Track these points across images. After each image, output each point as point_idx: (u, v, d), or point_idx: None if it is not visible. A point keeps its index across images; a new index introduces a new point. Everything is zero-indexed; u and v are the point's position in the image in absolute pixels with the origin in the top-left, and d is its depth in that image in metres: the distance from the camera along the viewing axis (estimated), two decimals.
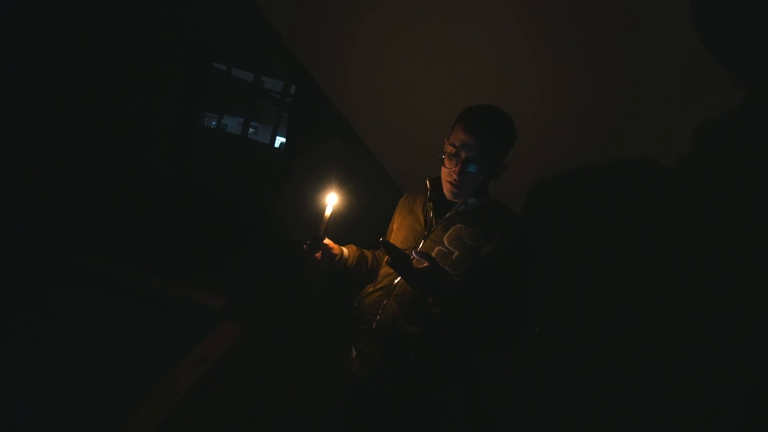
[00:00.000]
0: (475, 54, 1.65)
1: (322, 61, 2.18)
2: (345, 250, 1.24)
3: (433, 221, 1.14)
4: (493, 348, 1.26)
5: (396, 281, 1.12)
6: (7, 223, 2.15)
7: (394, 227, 1.28)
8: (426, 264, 0.93)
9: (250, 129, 5.66)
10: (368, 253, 1.33)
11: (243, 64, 4.35)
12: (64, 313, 1.14)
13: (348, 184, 1.23)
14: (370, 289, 1.19)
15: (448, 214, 1.12)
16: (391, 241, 1.23)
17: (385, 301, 1.12)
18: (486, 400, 1.82)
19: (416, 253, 0.95)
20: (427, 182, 1.19)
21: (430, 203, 1.17)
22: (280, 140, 5.08)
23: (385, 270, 1.19)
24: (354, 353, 1.19)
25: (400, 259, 0.92)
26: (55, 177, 3.13)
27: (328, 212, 1.11)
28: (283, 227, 3.95)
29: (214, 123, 5.15)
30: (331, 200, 1.11)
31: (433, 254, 1.07)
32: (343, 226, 1.16)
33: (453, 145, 1.06)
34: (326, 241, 1.17)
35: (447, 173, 1.09)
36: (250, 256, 3.72)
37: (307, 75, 3.46)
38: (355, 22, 1.83)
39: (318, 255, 1.16)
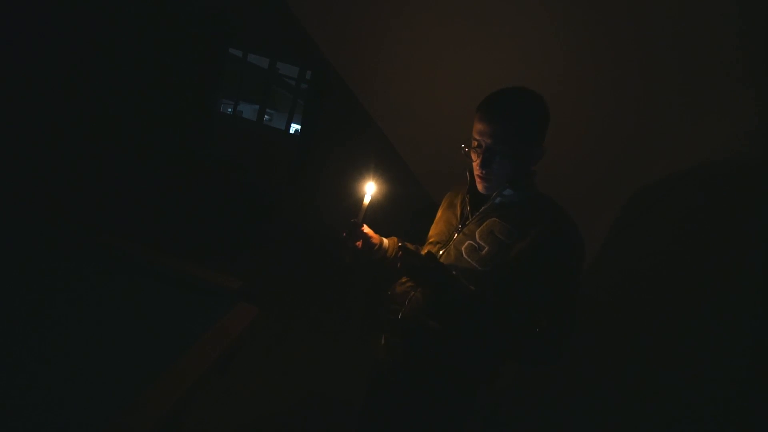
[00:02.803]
0: (497, 43, 1.62)
1: (340, 47, 2.16)
2: (386, 240, 1.24)
3: (469, 215, 1.10)
4: (525, 362, 1.14)
5: None
6: (30, 206, 2.21)
7: (435, 221, 1.25)
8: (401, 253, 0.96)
9: (266, 116, 5.68)
10: (411, 247, 1.29)
11: (259, 50, 4.34)
12: (84, 292, 1.17)
13: (366, 173, 1.21)
14: (403, 279, 1.18)
15: (483, 207, 1.07)
16: (429, 234, 1.22)
17: (413, 293, 1.10)
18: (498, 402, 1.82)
19: (400, 247, 0.97)
20: (468, 174, 1.13)
21: (468, 196, 1.12)
22: (295, 127, 5.08)
23: None
24: (383, 340, 1.18)
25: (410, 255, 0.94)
26: (76, 163, 3.19)
27: (366, 201, 1.11)
28: (299, 213, 3.98)
29: (230, 110, 5.16)
30: (370, 189, 1.11)
31: (462, 248, 1.04)
32: (370, 217, 1.14)
33: (474, 137, 1.02)
34: (366, 230, 1.17)
35: (474, 167, 1.05)
36: (267, 241, 3.76)
37: (324, 61, 3.44)
38: (376, 8, 1.81)
39: (358, 243, 1.15)
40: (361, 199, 1.11)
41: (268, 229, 3.88)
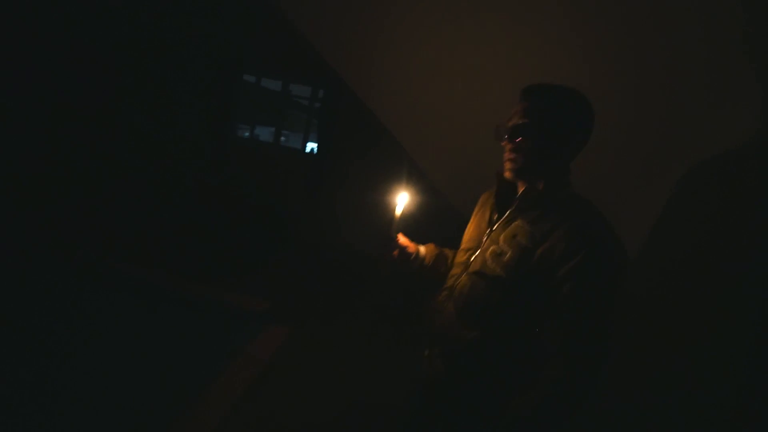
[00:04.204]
0: (514, 53, 1.57)
1: (352, 63, 2.16)
2: (422, 248, 1.20)
3: (496, 218, 1.05)
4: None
5: (458, 282, 1.05)
6: (56, 233, 2.26)
7: (469, 225, 1.20)
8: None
9: (282, 138, 5.77)
10: (448, 252, 1.27)
11: (272, 74, 4.44)
12: (112, 319, 1.18)
13: (397, 183, 1.20)
14: (441, 289, 1.14)
15: (509, 209, 1.02)
16: (463, 239, 1.17)
17: (447, 303, 1.06)
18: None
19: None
20: (495, 176, 1.08)
21: (496, 198, 1.08)
22: (311, 146, 5.15)
23: (453, 270, 1.13)
24: (426, 353, 1.13)
25: None
26: (100, 191, 3.29)
27: (398, 211, 1.10)
28: (319, 230, 3.99)
29: (246, 134, 5.28)
30: (402, 200, 1.10)
31: (488, 254, 0.99)
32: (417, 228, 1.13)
33: (508, 121, 0.99)
34: (402, 239, 1.15)
35: (505, 152, 1.00)
36: (288, 261, 3.77)
37: (336, 78, 3.48)
38: (382, 16, 1.80)
39: (395, 253, 1.14)
40: (393, 210, 1.10)
41: (289, 247, 3.89)
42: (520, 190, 1.03)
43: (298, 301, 2.97)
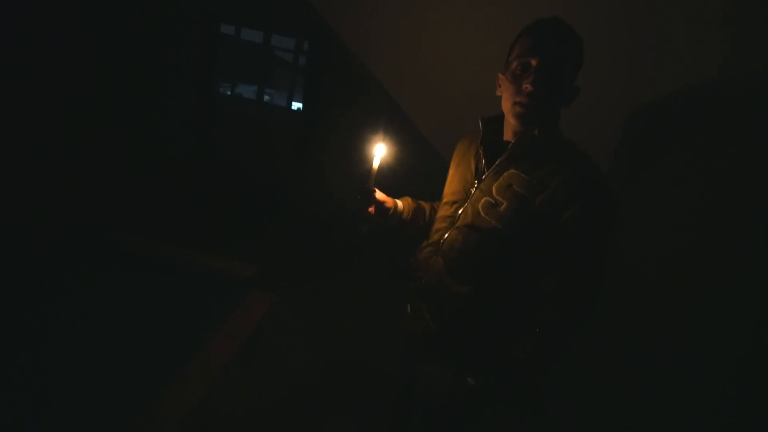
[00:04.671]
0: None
1: (341, 9, 1.99)
2: (399, 202, 1.17)
3: (484, 168, 0.99)
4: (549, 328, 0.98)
5: (445, 236, 1.01)
6: (28, 204, 2.13)
7: (449, 176, 1.15)
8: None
9: (265, 96, 5.49)
10: (425, 205, 1.24)
11: (252, 23, 4.12)
12: (94, 289, 1.09)
13: (373, 135, 1.13)
14: (424, 244, 1.11)
15: (500, 158, 0.96)
16: (444, 192, 1.12)
17: (434, 258, 1.03)
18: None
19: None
20: (480, 123, 1.03)
21: (482, 148, 1.01)
22: (297, 105, 4.92)
23: (437, 225, 1.09)
24: (408, 309, 1.13)
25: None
26: (76, 157, 3.10)
27: (376, 164, 1.04)
28: (308, 192, 3.87)
29: (228, 92, 5.00)
30: (379, 151, 1.04)
31: (480, 206, 0.95)
32: (381, 181, 1.07)
33: (520, 57, 0.91)
34: (378, 195, 1.10)
35: (514, 91, 0.92)
36: (277, 223, 3.68)
37: (322, 25, 3.24)
38: None
39: (371, 209, 1.10)
40: (371, 163, 1.04)
41: (276, 209, 3.78)
42: (508, 137, 0.99)
43: (285, 267, 2.91)
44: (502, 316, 0.97)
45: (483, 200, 0.95)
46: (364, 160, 1.08)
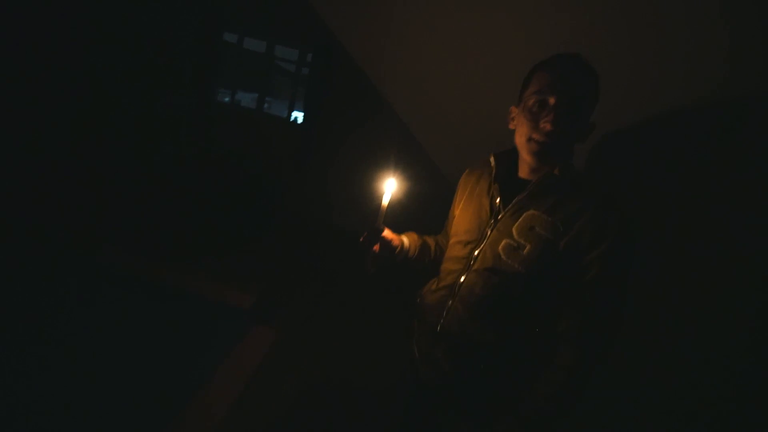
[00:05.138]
0: (530, 23, 1.40)
1: (349, 22, 1.93)
2: (405, 239, 1.11)
3: (501, 207, 0.94)
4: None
5: (461, 280, 0.95)
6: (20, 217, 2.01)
7: (456, 212, 1.09)
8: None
9: (265, 104, 5.42)
10: (430, 241, 1.19)
11: (256, 33, 4.08)
12: (86, 315, 0.99)
13: (384, 168, 1.07)
14: (434, 286, 1.04)
15: (517, 197, 0.92)
16: (453, 230, 1.06)
17: (450, 302, 0.96)
18: None
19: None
20: (491, 159, 0.99)
21: (496, 185, 0.97)
22: (296, 114, 4.85)
23: (448, 265, 1.02)
24: (416, 353, 1.07)
25: None
26: (68, 164, 2.99)
27: (385, 201, 0.97)
28: (306, 205, 3.79)
29: (227, 99, 4.93)
30: (390, 187, 0.97)
31: (500, 249, 0.90)
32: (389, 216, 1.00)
33: (538, 94, 0.88)
34: (386, 232, 1.04)
35: (531, 128, 0.89)
36: (272, 238, 3.57)
37: (329, 39, 3.19)
38: None
39: (376, 247, 1.04)
40: (380, 199, 0.98)
41: (272, 224, 3.68)
42: (523, 173, 0.96)
43: (284, 293, 2.75)
44: (527, 361, 0.93)
45: (503, 242, 0.90)
46: (365, 183, 1.03)
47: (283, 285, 2.63)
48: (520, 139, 0.93)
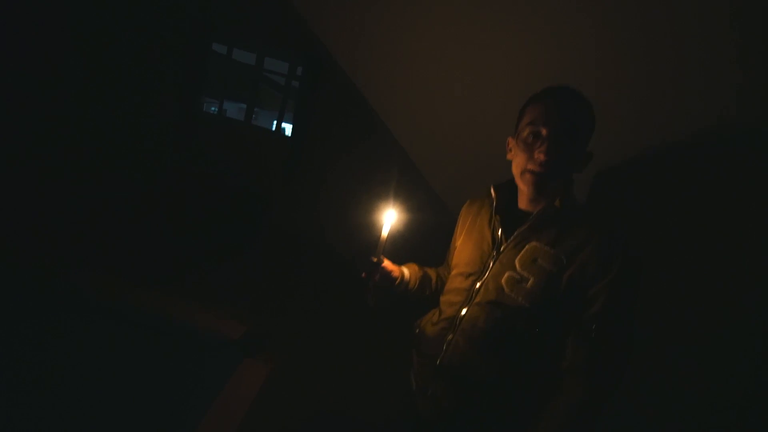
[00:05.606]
0: (529, 36, 1.40)
1: (341, 37, 1.91)
2: (405, 270, 1.08)
3: (503, 238, 0.94)
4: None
5: (463, 313, 0.93)
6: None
7: (457, 244, 1.07)
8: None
9: (252, 115, 5.35)
10: (431, 273, 1.17)
11: (246, 45, 4.03)
12: (70, 350, 0.91)
13: (374, 184, 1.05)
14: (434, 318, 1.01)
15: (519, 229, 0.91)
16: (454, 261, 1.04)
17: (450, 336, 0.94)
18: None
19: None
20: (492, 191, 0.99)
21: (497, 216, 0.97)
22: (285, 126, 4.80)
23: (449, 297, 1.00)
24: (414, 385, 1.03)
25: None
26: (49, 178, 2.85)
27: (385, 232, 0.95)
28: (293, 220, 3.71)
29: (214, 108, 4.85)
30: (389, 218, 0.95)
31: (503, 281, 0.88)
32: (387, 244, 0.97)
33: (532, 125, 0.90)
34: (385, 264, 1.01)
35: (526, 159, 0.91)
36: (260, 251, 3.47)
37: (322, 54, 3.16)
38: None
39: (375, 278, 1.01)
40: (379, 231, 0.95)
41: (258, 241, 3.58)
42: (523, 204, 0.96)
43: (273, 319, 2.61)
44: (531, 396, 0.90)
45: (506, 275, 0.89)
46: (371, 226, 1.01)
47: (272, 309, 2.53)
48: (516, 170, 0.94)
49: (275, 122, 4.65)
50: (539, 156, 0.87)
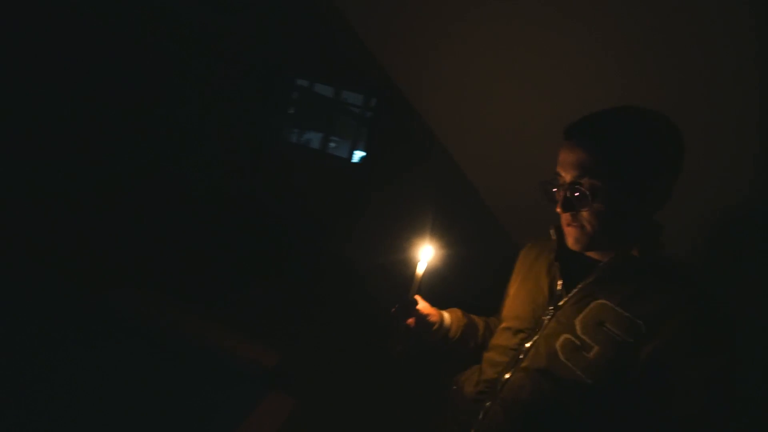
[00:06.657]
0: (601, 76, 1.28)
1: (408, 69, 1.92)
2: (447, 315, 0.94)
3: (563, 292, 0.77)
4: None
5: (506, 377, 0.77)
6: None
7: (511, 292, 0.92)
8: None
9: (331, 143, 5.61)
10: (479, 321, 1.00)
11: (325, 80, 4.30)
12: (89, 379, 0.95)
13: (439, 221, 0.95)
14: (475, 378, 0.85)
15: (583, 282, 0.74)
16: (504, 313, 0.89)
17: (489, 403, 0.77)
18: None
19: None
20: (552, 232, 0.82)
21: (557, 264, 0.80)
22: (358, 155, 4.96)
23: (492, 355, 0.84)
24: None
25: None
26: (128, 192, 3.13)
27: (420, 270, 0.83)
28: (360, 249, 3.73)
29: (294, 138, 5.20)
30: (426, 255, 0.83)
31: (558, 345, 0.71)
32: (438, 284, 0.86)
33: (556, 173, 0.74)
34: (420, 304, 0.88)
35: (561, 218, 0.76)
36: (329, 276, 3.50)
37: (392, 86, 3.24)
38: (444, 28, 1.55)
39: (410, 321, 0.86)
40: (414, 267, 0.84)
41: (306, 268, 3.61)
42: (592, 253, 0.76)
43: (308, 351, 2.30)
44: None
45: (562, 337, 0.72)
46: (406, 262, 0.90)
47: (309, 340, 2.39)
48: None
49: (350, 150, 4.82)
50: (562, 217, 0.74)
